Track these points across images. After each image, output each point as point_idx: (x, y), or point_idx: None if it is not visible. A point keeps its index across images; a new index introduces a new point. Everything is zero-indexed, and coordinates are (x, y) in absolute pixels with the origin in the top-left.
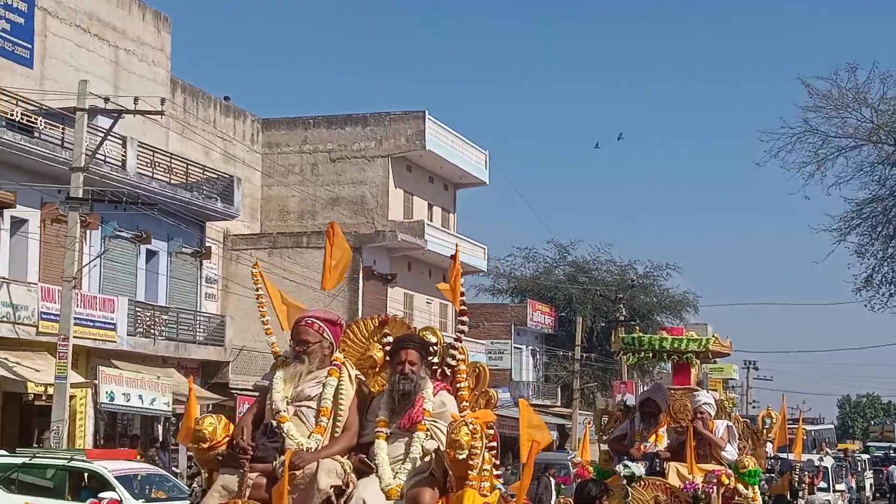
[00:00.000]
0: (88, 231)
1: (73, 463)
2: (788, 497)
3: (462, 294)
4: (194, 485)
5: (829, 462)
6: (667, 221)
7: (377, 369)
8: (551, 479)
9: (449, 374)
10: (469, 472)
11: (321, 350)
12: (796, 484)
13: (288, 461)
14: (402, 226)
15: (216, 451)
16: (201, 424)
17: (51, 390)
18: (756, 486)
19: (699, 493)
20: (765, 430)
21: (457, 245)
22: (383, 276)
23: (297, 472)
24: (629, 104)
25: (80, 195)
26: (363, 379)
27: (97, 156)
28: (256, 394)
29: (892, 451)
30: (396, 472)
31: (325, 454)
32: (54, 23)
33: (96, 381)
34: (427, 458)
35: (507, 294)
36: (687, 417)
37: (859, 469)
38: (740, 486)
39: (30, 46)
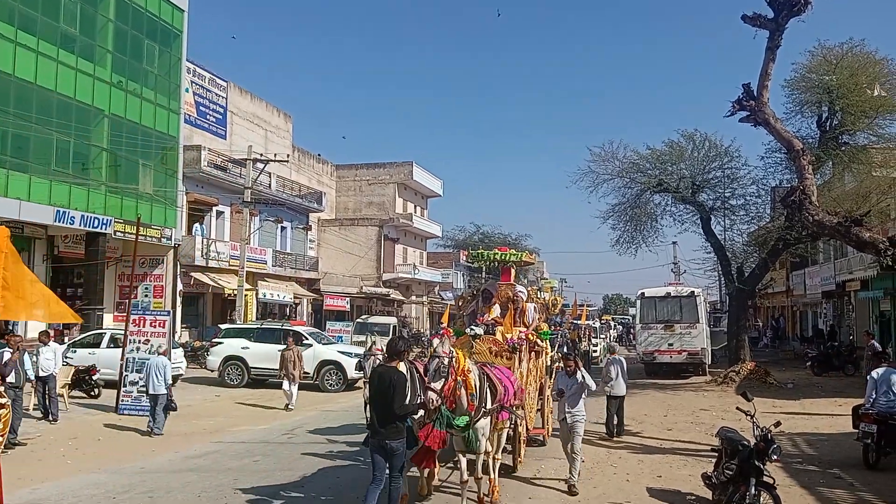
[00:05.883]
0: (252, 217)
1: (284, 326)
2: (578, 342)
3: None
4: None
5: (597, 324)
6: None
7: None
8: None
9: None
10: None
11: None
12: (582, 335)
13: None
14: (402, 215)
15: None
16: None
17: (235, 292)
18: (547, 340)
19: (515, 344)
20: (552, 307)
21: None
22: (393, 239)
23: None
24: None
25: (249, 200)
26: None
27: (257, 182)
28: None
29: (626, 321)
30: None
31: None
32: (236, 118)
33: (257, 288)
34: None
35: (451, 247)
36: (510, 300)
37: (611, 328)
38: (538, 340)
39: (224, 129)
